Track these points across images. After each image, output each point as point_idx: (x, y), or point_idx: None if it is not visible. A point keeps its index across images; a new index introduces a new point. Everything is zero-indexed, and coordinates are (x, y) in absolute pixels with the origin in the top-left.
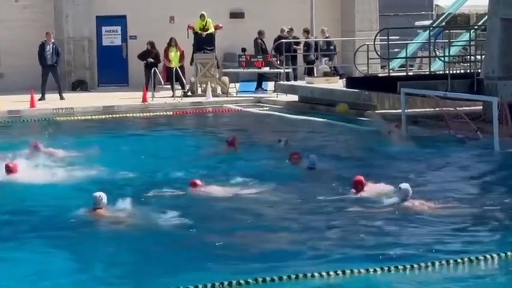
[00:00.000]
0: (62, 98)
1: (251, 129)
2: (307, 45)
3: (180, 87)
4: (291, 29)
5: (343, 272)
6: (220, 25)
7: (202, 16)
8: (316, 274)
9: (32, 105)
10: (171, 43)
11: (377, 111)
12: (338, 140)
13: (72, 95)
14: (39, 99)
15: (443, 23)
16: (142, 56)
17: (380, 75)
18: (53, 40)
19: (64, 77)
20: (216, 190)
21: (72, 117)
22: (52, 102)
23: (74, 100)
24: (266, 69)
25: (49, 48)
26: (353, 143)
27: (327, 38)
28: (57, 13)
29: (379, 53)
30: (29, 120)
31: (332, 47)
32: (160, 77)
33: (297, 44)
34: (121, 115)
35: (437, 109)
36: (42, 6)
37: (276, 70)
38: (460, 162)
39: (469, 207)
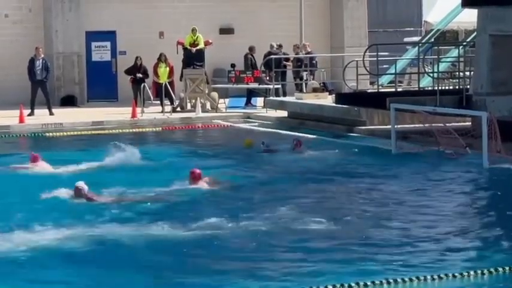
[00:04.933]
0: (51, 113)
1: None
2: (300, 61)
3: (169, 103)
4: (280, 45)
5: None
6: (210, 41)
7: (193, 30)
8: None
9: (21, 120)
10: (161, 58)
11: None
12: (320, 156)
13: (61, 110)
14: (29, 115)
15: (432, 39)
16: (130, 71)
17: (369, 91)
18: (42, 55)
19: (53, 92)
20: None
21: (62, 133)
22: (41, 117)
23: (63, 115)
24: (255, 85)
25: (39, 63)
26: (336, 158)
27: (308, 52)
28: (47, 28)
29: (368, 69)
30: (18, 136)
31: (314, 62)
32: (150, 93)
33: (287, 59)
34: (110, 131)
35: (426, 125)
36: (32, 21)
37: (265, 86)
38: (449, 177)
39: (456, 223)
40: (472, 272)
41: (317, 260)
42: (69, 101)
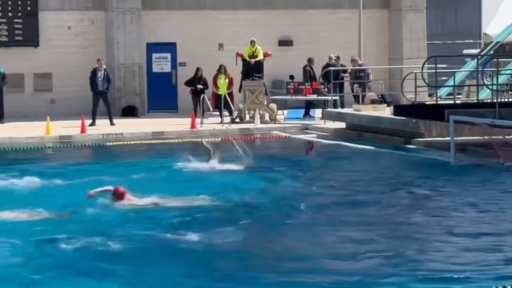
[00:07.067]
0: (112, 123)
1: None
2: (358, 73)
3: (228, 114)
4: (338, 57)
5: None
6: (269, 52)
7: (252, 42)
8: None
9: (83, 130)
10: (220, 70)
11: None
12: (378, 167)
13: (122, 120)
14: (90, 125)
15: (492, 52)
16: (190, 83)
17: (427, 103)
18: (104, 66)
19: (114, 102)
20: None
21: (122, 143)
22: (102, 127)
23: (124, 126)
24: (314, 96)
25: (100, 74)
26: (395, 170)
27: (360, 65)
28: (109, 40)
29: (426, 81)
30: (80, 146)
31: (363, 74)
32: (209, 104)
33: (345, 71)
34: (170, 141)
35: (485, 137)
36: (94, 33)
37: (323, 97)
38: (509, 191)
39: None
40: None
41: (365, 268)
42: (129, 112)
